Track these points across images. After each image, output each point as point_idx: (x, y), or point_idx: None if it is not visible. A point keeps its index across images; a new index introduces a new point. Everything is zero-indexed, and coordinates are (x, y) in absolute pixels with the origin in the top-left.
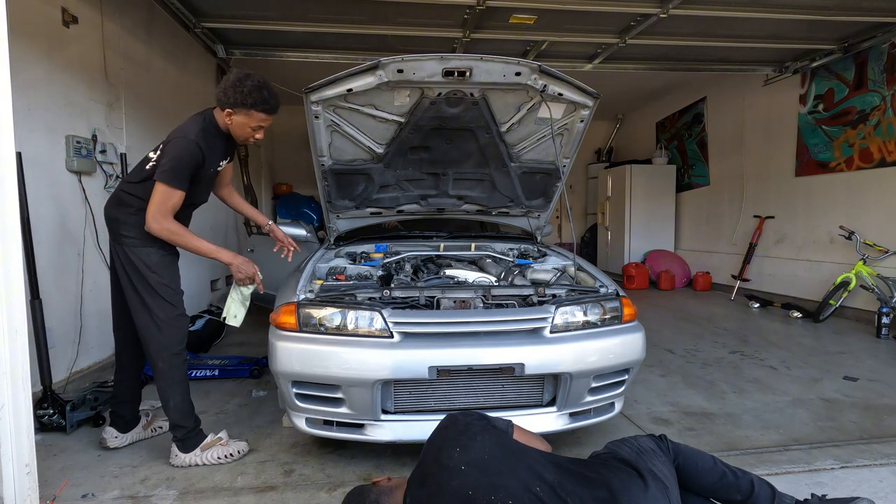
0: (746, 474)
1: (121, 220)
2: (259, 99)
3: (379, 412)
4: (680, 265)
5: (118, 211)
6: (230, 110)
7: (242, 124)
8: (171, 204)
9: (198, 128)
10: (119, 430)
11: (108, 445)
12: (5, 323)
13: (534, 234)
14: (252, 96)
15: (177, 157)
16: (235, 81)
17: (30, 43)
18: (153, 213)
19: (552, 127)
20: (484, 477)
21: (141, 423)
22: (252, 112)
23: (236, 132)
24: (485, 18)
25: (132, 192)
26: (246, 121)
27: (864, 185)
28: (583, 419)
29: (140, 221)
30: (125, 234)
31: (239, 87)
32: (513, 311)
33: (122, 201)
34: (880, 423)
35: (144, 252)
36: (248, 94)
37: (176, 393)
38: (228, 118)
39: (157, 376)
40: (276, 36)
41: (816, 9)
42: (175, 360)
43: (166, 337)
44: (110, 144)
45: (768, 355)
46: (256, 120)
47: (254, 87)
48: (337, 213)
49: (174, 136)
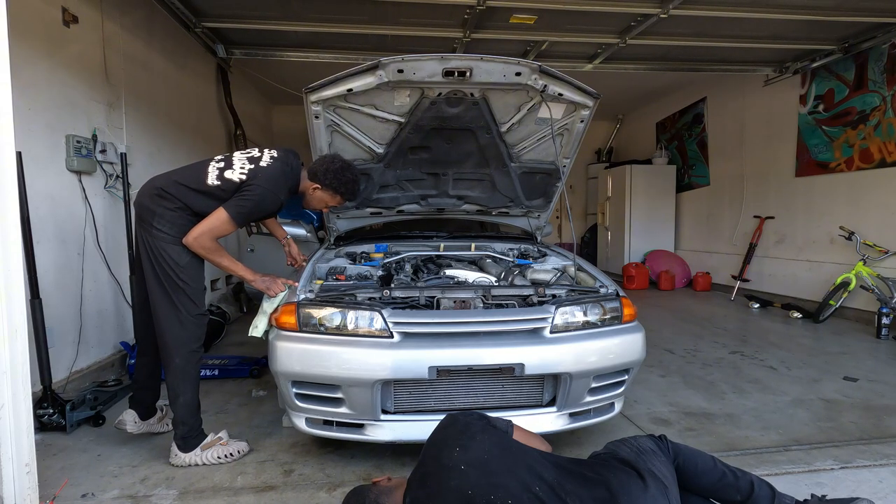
0: (746, 474)
1: (157, 213)
2: (351, 190)
3: (379, 412)
4: (680, 265)
5: (157, 203)
6: (319, 186)
7: (322, 200)
8: (223, 232)
9: (286, 186)
10: (139, 416)
11: (125, 428)
12: (5, 323)
13: (534, 234)
14: (346, 186)
15: (257, 204)
16: (340, 169)
17: (30, 43)
18: (202, 232)
19: (552, 127)
20: (483, 476)
21: (156, 416)
22: (337, 196)
23: (312, 202)
24: (485, 18)
25: (177, 193)
26: (328, 199)
27: (865, 185)
28: (583, 419)
29: (177, 219)
30: (159, 228)
31: (340, 177)
32: (513, 312)
33: (163, 195)
34: (880, 423)
35: (176, 250)
36: (345, 184)
37: (188, 389)
38: (313, 191)
39: (171, 371)
40: (276, 36)
41: (816, 9)
42: (192, 356)
43: (187, 332)
44: (110, 144)
45: (768, 356)
46: (335, 202)
47: (352, 180)
48: (337, 213)
49: (263, 184)
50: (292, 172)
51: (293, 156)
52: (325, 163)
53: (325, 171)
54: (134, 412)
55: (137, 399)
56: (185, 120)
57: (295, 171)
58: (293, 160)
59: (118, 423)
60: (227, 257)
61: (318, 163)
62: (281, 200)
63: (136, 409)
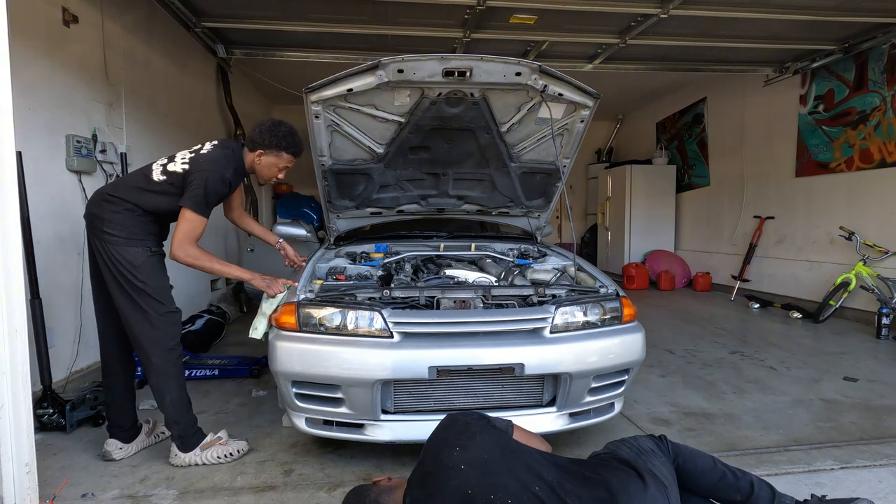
0: (746, 475)
1: (106, 219)
2: (291, 143)
3: (379, 412)
4: (680, 265)
5: (104, 209)
6: (262, 151)
7: (271, 164)
8: (198, 232)
9: (230, 166)
10: (122, 441)
11: (113, 458)
12: (5, 323)
13: (534, 234)
14: (286, 140)
15: (207, 189)
16: (271, 127)
17: (30, 42)
18: (180, 240)
19: (552, 127)
20: (483, 476)
21: (144, 431)
22: (283, 154)
23: (262, 171)
24: (485, 18)
25: (124, 195)
26: (275, 161)
27: (865, 185)
28: (583, 419)
29: (126, 220)
30: (109, 232)
31: (274, 132)
32: (513, 312)
33: (110, 200)
34: (880, 423)
35: (129, 252)
36: (283, 139)
37: (172, 387)
38: (258, 158)
39: (151, 372)
40: (276, 35)
41: (817, 9)
42: (170, 354)
43: (159, 333)
44: (110, 144)
45: (768, 356)
46: (284, 161)
47: (287, 133)
48: (337, 213)
49: (204, 167)
50: (233, 154)
51: (233, 140)
52: (256, 128)
53: (259, 134)
54: (115, 441)
55: (115, 424)
56: (185, 120)
57: (236, 151)
58: (232, 143)
59: (104, 455)
60: (217, 261)
61: (251, 131)
62: (227, 179)
63: (117, 437)
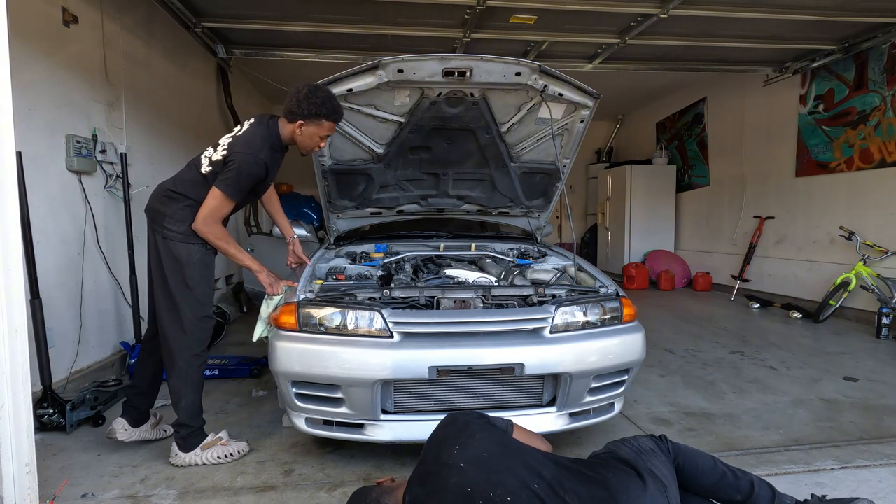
0: (746, 475)
1: (167, 214)
2: (331, 109)
3: (379, 412)
4: (680, 265)
5: (166, 205)
6: (302, 122)
7: (312, 134)
8: (224, 212)
9: (266, 145)
10: (130, 423)
11: (115, 437)
12: (5, 323)
13: (534, 234)
14: (325, 107)
15: (241, 173)
16: (308, 94)
17: (30, 42)
18: (205, 215)
19: (552, 127)
20: (483, 474)
21: (150, 422)
22: (323, 122)
23: (304, 142)
24: (485, 18)
25: (184, 191)
26: (316, 130)
27: (865, 185)
28: (583, 419)
29: (189, 216)
30: (170, 228)
31: (312, 99)
32: (513, 312)
33: (172, 196)
34: (880, 423)
35: (187, 249)
36: (322, 105)
37: (190, 392)
38: (299, 129)
39: (174, 374)
40: (276, 36)
41: (816, 9)
42: (195, 360)
43: (190, 338)
44: (110, 144)
45: (768, 356)
46: (326, 129)
47: (326, 98)
48: (337, 213)
49: (241, 149)
50: (268, 130)
51: (269, 116)
52: (293, 97)
53: (297, 104)
54: (124, 420)
55: (132, 404)
56: (186, 120)
57: (271, 127)
58: (267, 118)
59: (108, 433)
60: (234, 245)
61: (288, 102)
62: (262, 160)
63: (128, 416)
